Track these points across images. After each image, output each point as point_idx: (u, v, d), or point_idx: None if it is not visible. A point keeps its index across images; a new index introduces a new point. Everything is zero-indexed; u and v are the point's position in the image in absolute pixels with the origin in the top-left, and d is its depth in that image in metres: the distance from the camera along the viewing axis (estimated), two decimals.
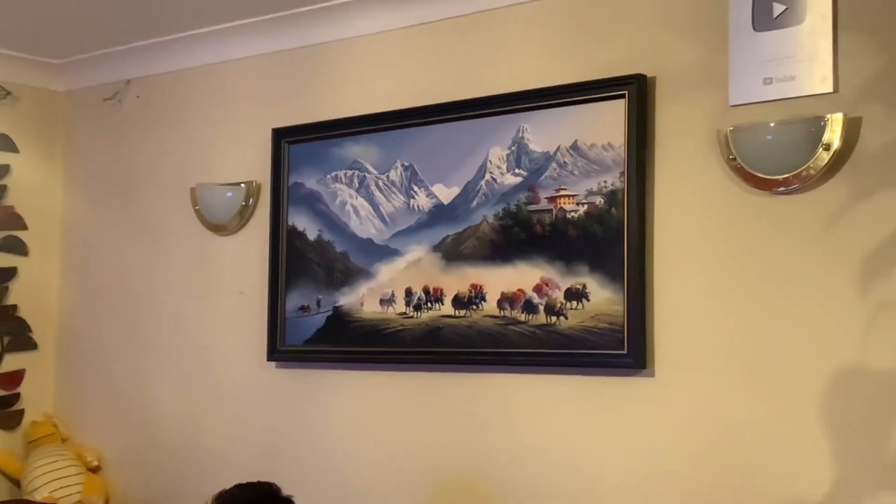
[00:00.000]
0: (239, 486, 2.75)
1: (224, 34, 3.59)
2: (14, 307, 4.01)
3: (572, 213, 2.85)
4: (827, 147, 2.45)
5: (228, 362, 3.59)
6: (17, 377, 4.01)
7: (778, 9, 2.55)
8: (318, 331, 3.35)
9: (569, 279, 2.84)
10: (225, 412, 3.58)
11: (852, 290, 2.43)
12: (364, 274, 3.26)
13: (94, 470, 3.89)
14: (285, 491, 2.78)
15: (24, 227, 4.03)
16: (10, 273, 3.99)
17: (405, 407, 3.16)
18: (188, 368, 3.71)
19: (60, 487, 3.73)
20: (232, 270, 3.62)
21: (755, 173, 2.56)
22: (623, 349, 2.72)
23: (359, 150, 3.29)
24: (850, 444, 2.42)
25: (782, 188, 2.53)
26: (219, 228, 3.64)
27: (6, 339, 3.98)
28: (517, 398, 2.94)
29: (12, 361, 3.99)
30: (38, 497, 3.72)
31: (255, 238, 3.54)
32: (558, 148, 2.88)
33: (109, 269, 3.98)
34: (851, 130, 2.44)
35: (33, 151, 4.07)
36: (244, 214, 3.58)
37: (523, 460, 2.91)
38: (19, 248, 4.02)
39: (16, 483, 3.88)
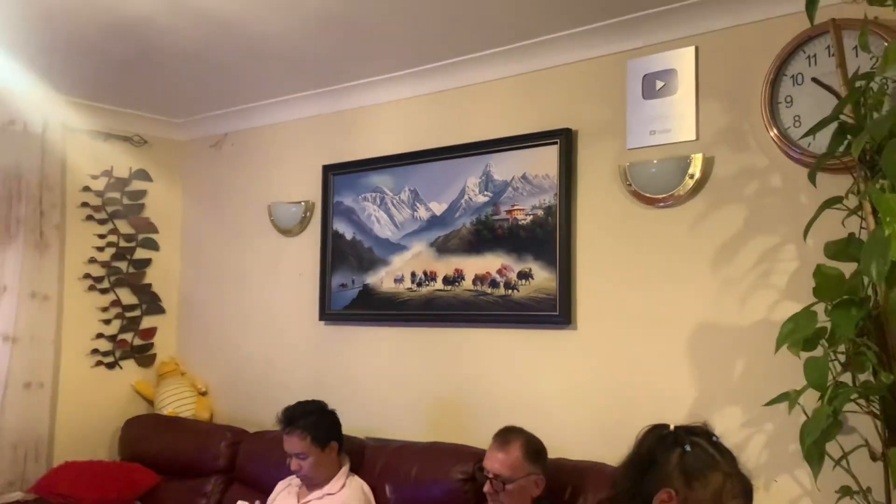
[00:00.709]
0: (299, 403, 2.76)
1: (290, 102, 3.57)
2: (150, 285, 3.98)
3: (522, 221, 2.84)
4: (691, 176, 2.46)
5: (292, 321, 3.57)
6: (151, 332, 3.98)
7: (659, 84, 2.56)
8: (353, 300, 3.33)
9: (520, 265, 2.84)
10: (289, 355, 3.56)
11: (707, 271, 2.45)
12: (383, 262, 3.24)
13: (203, 394, 3.87)
14: (330, 407, 2.80)
15: (156, 231, 4.00)
16: (147, 262, 3.97)
17: (410, 351, 3.15)
18: (265, 326, 3.68)
19: (180, 406, 3.72)
20: (295, 260, 3.59)
21: (644, 194, 2.57)
22: (556, 311, 2.72)
23: (380, 179, 3.28)
24: (707, 374, 2.43)
25: (662, 204, 2.54)
26: (286, 232, 3.62)
27: (144, 307, 3.95)
28: (485, 344, 2.94)
29: (148, 321, 3.97)
30: (165, 412, 3.70)
31: (311, 239, 3.52)
32: (513, 177, 2.88)
33: (213, 260, 3.95)
34: (707, 165, 2.46)
35: (162, 181, 4.04)
36: (304, 223, 3.56)
37: (488, 386, 2.91)
38: (153, 245, 3.99)
39: (150, 403, 3.87)
